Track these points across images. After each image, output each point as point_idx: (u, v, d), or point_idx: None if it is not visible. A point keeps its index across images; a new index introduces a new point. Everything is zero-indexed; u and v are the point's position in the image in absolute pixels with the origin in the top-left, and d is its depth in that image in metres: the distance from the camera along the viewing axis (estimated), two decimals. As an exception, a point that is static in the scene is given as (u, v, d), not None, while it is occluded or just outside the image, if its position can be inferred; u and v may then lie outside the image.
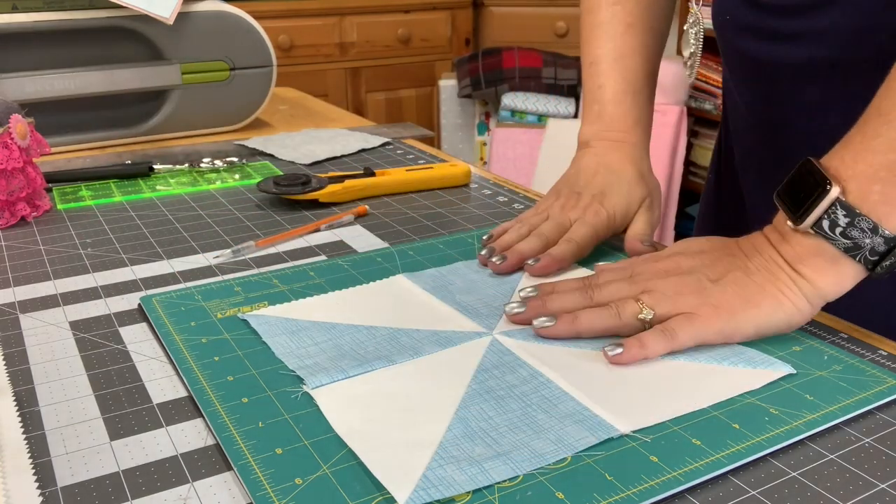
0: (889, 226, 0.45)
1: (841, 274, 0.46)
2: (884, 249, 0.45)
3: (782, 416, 0.41)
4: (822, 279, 0.47)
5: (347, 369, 0.46)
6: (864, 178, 0.45)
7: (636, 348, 0.46)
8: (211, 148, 0.97)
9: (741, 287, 0.48)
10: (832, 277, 0.47)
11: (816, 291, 0.47)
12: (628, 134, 0.69)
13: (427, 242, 0.66)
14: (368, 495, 0.36)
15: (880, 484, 0.37)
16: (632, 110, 0.70)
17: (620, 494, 0.36)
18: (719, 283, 0.48)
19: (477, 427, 0.41)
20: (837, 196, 0.45)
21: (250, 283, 0.58)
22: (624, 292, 0.50)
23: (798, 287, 0.47)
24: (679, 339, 0.46)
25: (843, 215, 0.45)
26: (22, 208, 0.72)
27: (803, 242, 0.47)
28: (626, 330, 0.48)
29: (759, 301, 0.47)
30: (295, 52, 2.72)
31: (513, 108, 2.67)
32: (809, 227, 0.46)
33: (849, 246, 0.45)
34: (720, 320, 0.47)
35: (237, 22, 1.01)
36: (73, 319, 0.54)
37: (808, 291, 0.47)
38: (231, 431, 0.41)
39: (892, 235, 0.45)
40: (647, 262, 0.52)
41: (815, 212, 0.46)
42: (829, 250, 0.46)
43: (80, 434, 0.41)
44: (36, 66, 0.92)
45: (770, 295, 0.47)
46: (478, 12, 3.07)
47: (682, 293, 0.48)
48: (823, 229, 0.46)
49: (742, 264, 0.49)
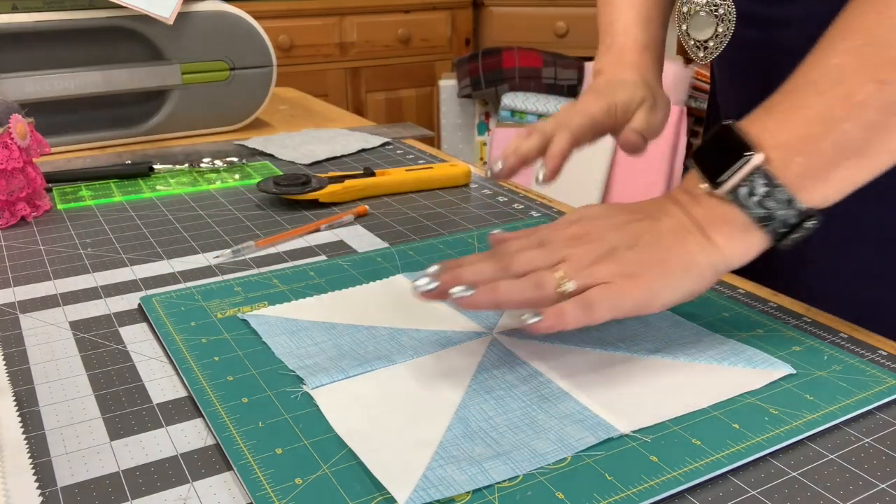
0: (804, 199, 0.44)
1: (748, 243, 0.45)
2: (795, 222, 0.44)
3: (782, 416, 0.41)
4: (730, 247, 0.45)
5: (347, 369, 0.46)
6: (787, 148, 0.44)
7: (554, 318, 0.44)
8: (211, 148, 0.97)
9: (653, 253, 0.46)
10: (740, 246, 0.46)
11: (722, 258, 0.46)
12: (639, 58, 0.69)
13: (427, 242, 0.66)
14: (368, 495, 0.36)
15: (880, 484, 0.37)
16: (641, 36, 0.70)
17: (620, 494, 0.36)
18: (633, 250, 0.46)
19: (477, 427, 0.41)
20: (760, 164, 0.44)
21: (250, 283, 0.58)
22: (539, 261, 0.47)
23: (706, 253, 0.46)
24: (597, 313, 0.44)
25: (762, 184, 0.44)
26: (22, 208, 0.72)
27: (716, 208, 0.46)
28: (546, 302, 0.45)
29: (672, 268, 0.46)
30: (295, 52, 2.72)
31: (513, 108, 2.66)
32: (726, 193, 0.45)
33: (762, 216, 0.44)
34: (637, 290, 0.45)
35: (237, 22, 1.01)
36: (73, 319, 0.54)
37: (714, 259, 0.46)
38: (231, 431, 0.41)
39: (806, 209, 0.44)
40: (555, 228, 0.50)
41: (736, 177, 0.45)
42: (741, 218, 0.45)
43: (80, 434, 0.41)
44: (36, 66, 0.92)
45: (680, 260, 0.46)
46: (478, 12, 3.07)
47: (598, 262, 0.46)
48: (740, 196, 0.45)
49: (651, 227, 0.47)
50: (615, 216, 0.49)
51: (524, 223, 0.70)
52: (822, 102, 0.44)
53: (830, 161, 0.44)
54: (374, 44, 2.88)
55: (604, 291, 0.45)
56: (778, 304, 0.54)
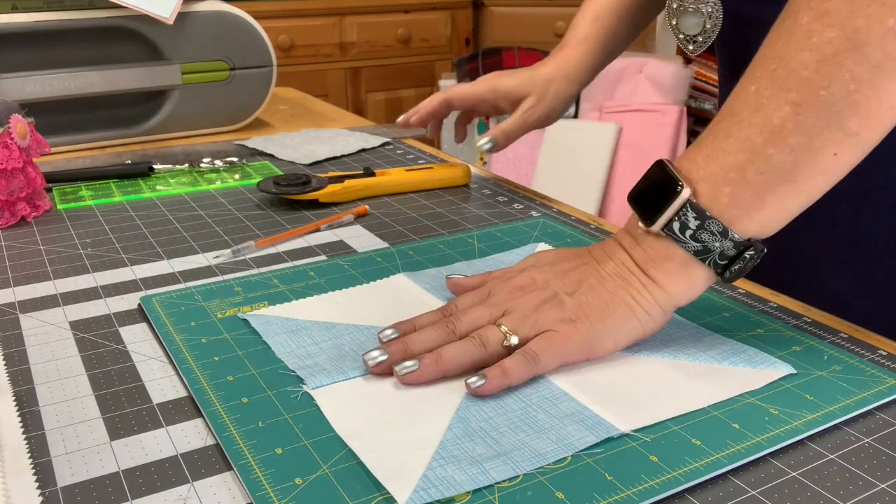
0: (738, 229, 0.44)
1: (691, 278, 0.46)
2: (733, 254, 0.44)
3: (782, 416, 0.41)
4: (673, 284, 0.46)
5: (348, 370, 0.46)
6: (714, 180, 0.44)
7: (499, 378, 0.43)
8: (211, 148, 0.97)
9: (596, 296, 0.47)
10: (683, 283, 0.46)
11: (667, 296, 0.46)
12: (569, 52, 0.78)
13: (427, 242, 0.66)
14: (368, 495, 0.36)
15: (880, 484, 0.37)
16: (582, 31, 0.78)
17: (620, 494, 0.36)
18: (574, 296, 0.47)
19: (477, 427, 0.41)
20: (688, 198, 0.44)
21: (250, 283, 0.58)
22: (484, 319, 0.47)
23: (650, 293, 0.46)
24: (541, 362, 0.45)
25: (693, 217, 0.44)
26: (22, 208, 0.72)
27: (654, 245, 0.46)
28: (493, 360, 0.45)
29: (614, 310, 0.46)
30: (295, 52, 2.72)
31: (513, 108, 2.66)
32: (660, 230, 0.45)
33: (698, 249, 0.44)
34: (579, 335, 0.45)
35: (237, 22, 1.01)
36: (73, 319, 0.54)
37: (659, 297, 0.46)
38: (231, 431, 0.41)
39: (741, 240, 0.44)
40: (501, 279, 0.50)
41: (666, 213, 0.45)
42: (678, 254, 0.45)
43: (80, 434, 0.41)
44: (36, 66, 0.92)
45: (623, 302, 0.46)
46: (478, 12, 3.07)
47: (540, 310, 0.46)
48: (674, 231, 0.45)
49: (595, 272, 0.48)
50: (560, 263, 0.50)
51: (524, 223, 0.70)
52: (744, 131, 0.44)
53: (760, 189, 0.43)
54: (374, 44, 2.88)
55: (546, 340, 0.45)
56: (778, 304, 0.54)
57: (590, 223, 0.70)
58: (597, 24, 0.78)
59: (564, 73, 0.77)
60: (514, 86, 0.77)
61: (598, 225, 0.70)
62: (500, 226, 0.70)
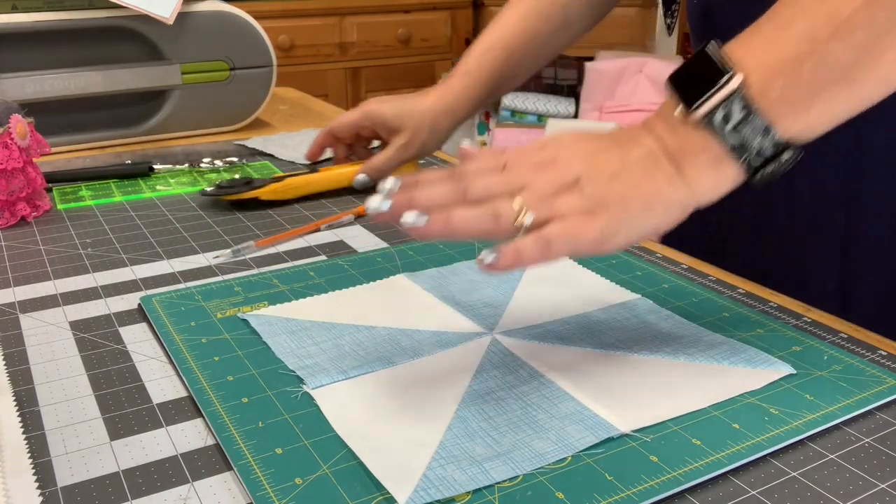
0: (782, 128, 0.41)
1: (720, 176, 0.43)
2: (770, 154, 0.42)
3: (782, 416, 0.41)
4: (701, 180, 0.43)
5: (347, 370, 0.46)
6: (768, 71, 0.41)
7: (512, 258, 0.42)
8: (211, 148, 0.97)
9: (617, 186, 0.44)
10: (711, 180, 0.43)
11: (691, 193, 0.43)
12: (453, 82, 0.77)
13: (427, 242, 0.66)
14: (368, 495, 0.36)
15: (880, 484, 0.37)
16: (471, 63, 0.77)
17: (620, 494, 0.36)
18: (596, 183, 0.44)
19: (477, 427, 0.41)
20: (738, 86, 0.41)
21: (250, 283, 0.58)
22: (499, 187, 0.44)
23: (675, 187, 0.43)
24: (554, 251, 0.42)
25: (739, 108, 0.41)
26: (22, 208, 0.72)
27: (691, 136, 0.43)
28: (503, 236, 0.43)
29: (633, 204, 0.43)
30: (295, 52, 2.72)
31: (513, 108, 2.66)
32: (701, 118, 0.42)
33: (736, 145, 0.42)
34: (595, 228, 0.43)
35: (237, 22, 1.01)
36: (73, 319, 0.54)
37: (682, 193, 0.43)
38: (231, 431, 0.41)
39: (781, 140, 0.41)
40: (522, 152, 0.47)
41: (711, 101, 0.42)
42: (714, 148, 0.42)
43: (80, 434, 0.41)
44: (36, 66, 0.92)
45: (645, 195, 0.43)
46: (478, 12, 3.07)
47: (559, 194, 0.43)
48: (715, 122, 0.42)
49: (620, 158, 0.44)
50: (584, 144, 0.46)
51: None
52: (807, 21, 0.41)
53: (814, 86, 0.41)
54: (374, 44, 2.88)
55: (562, 229, 0.43)
56: (778, 304, 0.54)
57: (590, 223, 0.70)
58: (486, 57, 0.77)
59: (444, 106, 0.77)
60: (391, 117, 0.77)
61: (598, 225, 0.70)
62: (500, 226, 0.70)
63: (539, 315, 0.53)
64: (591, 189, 0.44)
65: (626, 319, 0.52)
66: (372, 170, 0.77)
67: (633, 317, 0.53)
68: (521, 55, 0.78)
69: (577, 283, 0.58)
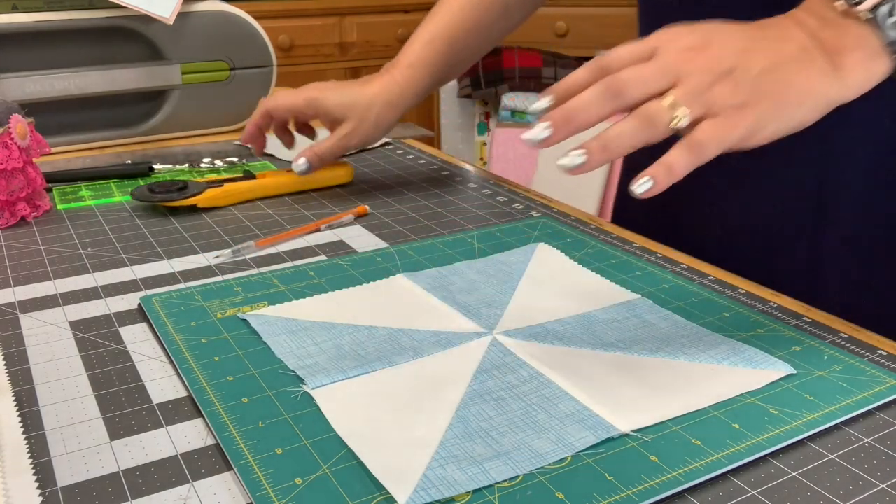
0: None
1: (871, 72, 0.43)
2: None
3: (782, 416, 0.41)
4: (855, 75, 0.43)
5: (347, 370, 0.46)
6: None
7: (665, 178, 0.41)
8: (211, 148, 0.97)
9: (773, 79, 0.43)
10: (863, 75, 0.43)
11: (842, 89, 0.43)
12: (396, 73, 0.76)
13: (427, 242, 0.66)
14: (368, 495, 0.36)
15: (880, 484, 0.37)
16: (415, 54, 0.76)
17: (620, 494, 0.36)
18: (752, 75, 0.43)
19: (477, 427, 0.41)
20: None
21: (250, 283, 0.58)
22: (652, 83, 0.43)
23: (827, 83, 0.43)
24: (706, 153, 0.42)
25: None
26: (22, 208, 0.72)
27: (852, 30, 0.42)
28: (659, 139, 0.42)
29: (785, 98, 0.43)
30: (295, 52, 2.72)
31: (513, 108, 2.66)
32: (867, 12, 0.41)
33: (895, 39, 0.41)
34: (746, 124, 0.42)
35: (237, 22, 1.01)
36: (73, 319, 0.54)
37: (832, 88, 0.43)
38: (231, 431, 0.41)
39: None
40: (671, 34, 0.45)
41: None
42: (873, 43, 0.42)
43: (80, 434, 0.41)
44: (36, 66, 0.92)
45: (796, 91, 0.43)
46: (478, 12, 3.07)
47: (715, 86, 0.42)
48: (879, 16, 0.41)
49: (775, 50, 0.43)
50: (737, 33, 0.45)
51: (524, 223, 0.70)
52: None
53: None
54: (374, 44, 2.88)
55: (713, 129, 0.42)
56: (778, 304, 0.54)
57: (590, 223, 0.70)
58: (430, 47, 0.77)
59: (388, 97, 0.76)
60: (334, 106, 0.76)
61: (598, 225, 0.70)
62: (500, 226, 0.70)
63: (539, 315, 0.53)
64: (745, 82, 0.43)
65: (626, 319, 0.52)
66: (316, 156, 0.76)
67: (633, 317, 0.53)
68: (462, 45, 0.78)
69: (577, 282, 0.58)
